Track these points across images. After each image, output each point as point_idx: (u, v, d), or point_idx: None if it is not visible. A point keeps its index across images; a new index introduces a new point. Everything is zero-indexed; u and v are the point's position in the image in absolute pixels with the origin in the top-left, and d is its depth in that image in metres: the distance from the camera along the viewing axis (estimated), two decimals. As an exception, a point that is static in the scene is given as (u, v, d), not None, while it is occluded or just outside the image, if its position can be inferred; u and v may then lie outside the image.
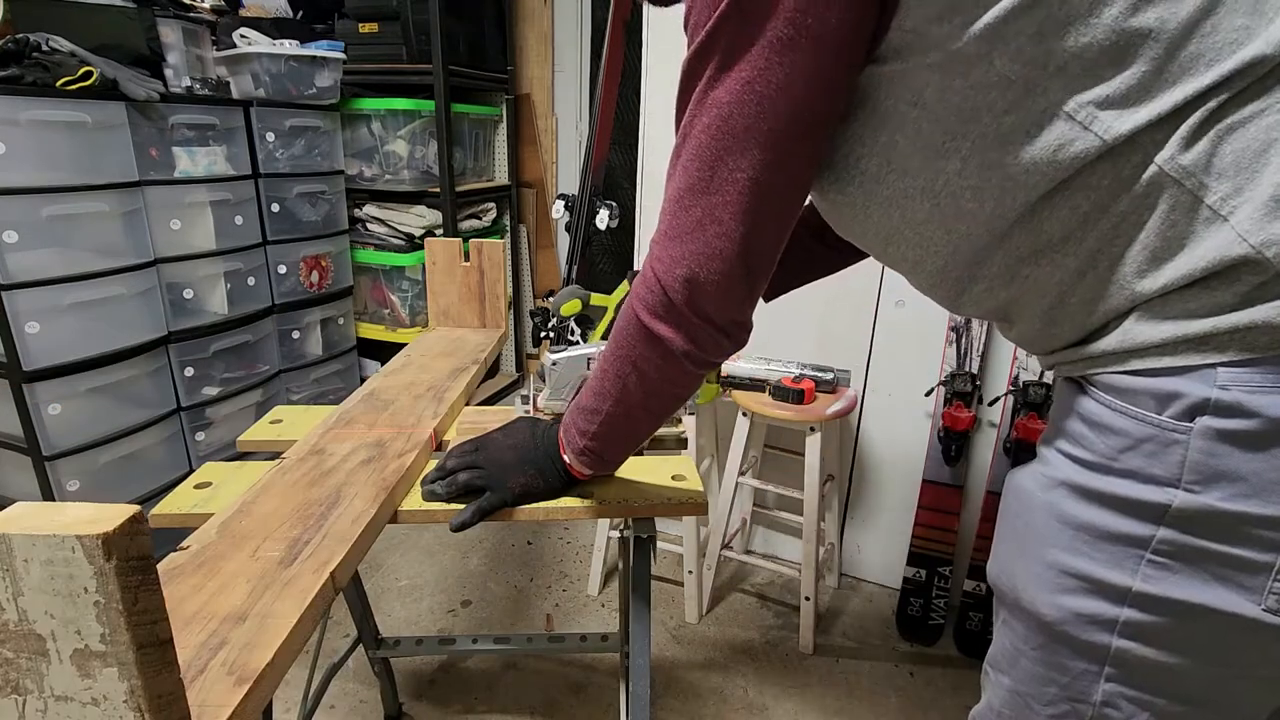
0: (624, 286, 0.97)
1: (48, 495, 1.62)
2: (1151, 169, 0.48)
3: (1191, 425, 0.47)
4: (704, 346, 0.62)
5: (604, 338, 0.98)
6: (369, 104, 2.39)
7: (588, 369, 0.94)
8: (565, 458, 0.79)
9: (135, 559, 0.35)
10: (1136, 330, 0.50)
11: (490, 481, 0.79)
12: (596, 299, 0.99)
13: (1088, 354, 0.53)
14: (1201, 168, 0.46)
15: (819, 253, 0.90)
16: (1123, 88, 0.47)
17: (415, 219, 2.51)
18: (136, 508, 0.35)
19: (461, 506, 0.80)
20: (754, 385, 1.70)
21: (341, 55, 2.18)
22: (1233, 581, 0.48)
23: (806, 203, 0.61)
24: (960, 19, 0.48)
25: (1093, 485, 0.52)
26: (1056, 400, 0.60)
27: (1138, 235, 0.49)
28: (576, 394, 0.94)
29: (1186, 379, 0.47)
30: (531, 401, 0.99)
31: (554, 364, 0.94)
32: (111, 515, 0.34)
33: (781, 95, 0.51)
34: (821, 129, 0.54)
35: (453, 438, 0.96)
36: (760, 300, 0.64)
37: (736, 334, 0.63)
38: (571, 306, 1.00)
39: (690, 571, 1.80)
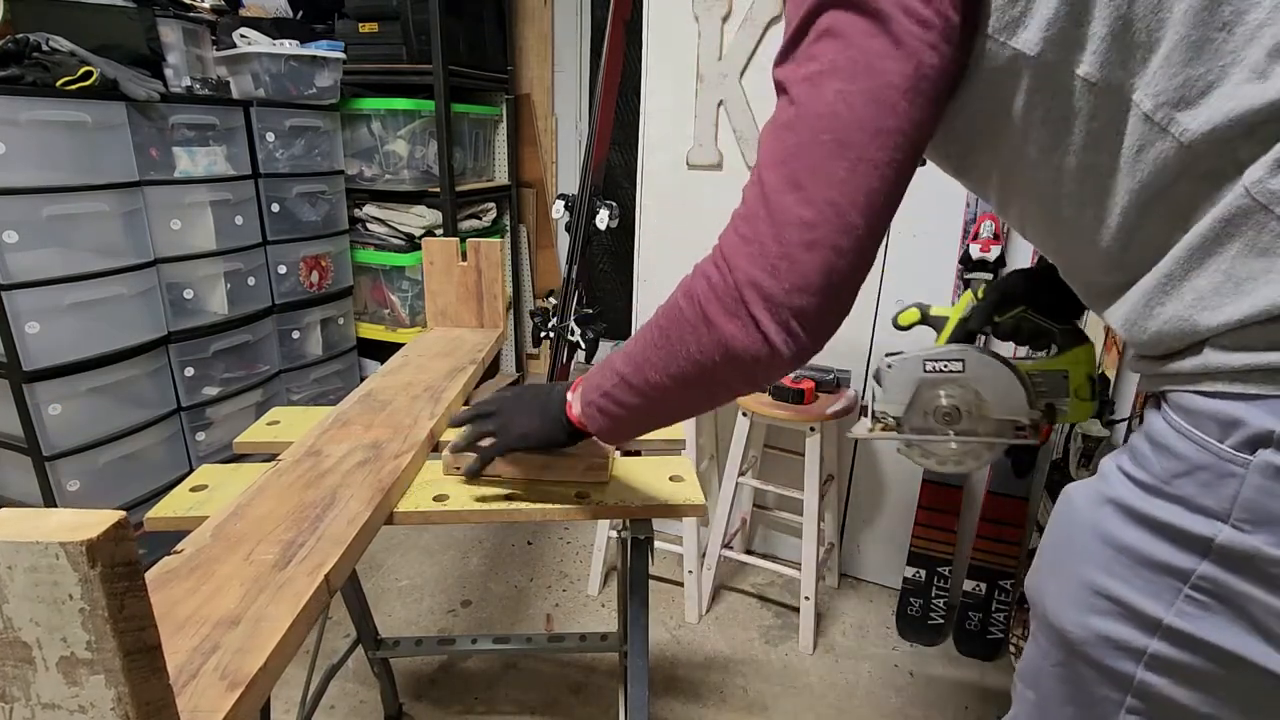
0: (968, 296, 0.94)
1: (48, 495, 1.62)
2: (1237, 189, 0.45)
3: (1251, 458, 0.44)
4: (756, 335, 0.54)
5: (949, 342, 0.93)
6: (369, 104, 2.39)
7: (924, 371, 0.88)
8: (568, 396, 0.75)
9: (120, 565, 0.35)
10: (1211, 356, 0.47)
11: (499, 426, 0.81)
12: (937, 309, 0.97)
13: (1165, 370, 0.51)
14: None
15: None
16: (1199, 83, 0.45)
17: (415, 219, 2.50)
18: (121, 513, 0.35)
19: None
20: (754, 385, 1.69)
21: (341, 55, 2.18)
22: (1274, 635, 0.45)
23: None
24: (1036, 21, 0.47)
25: (1142, 507, 0.50)
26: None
27: (1219, 263, 0.46)
28: (902, 400, 0.90)
29: (1253, 406, 0.44)
30: (870, 408, 0.93)
31: (889, 366, 0.90)
32: (95, 521, 0.34)
33: (897, 76, 0.49)
34: (933, 118, 0.52)
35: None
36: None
37: (800, 328, 0.54)
38: (909, 316, 0.98)
39: (690, 571, 1.79)
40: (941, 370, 0.87)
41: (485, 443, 0.82)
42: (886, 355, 0.90)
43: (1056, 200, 0.54)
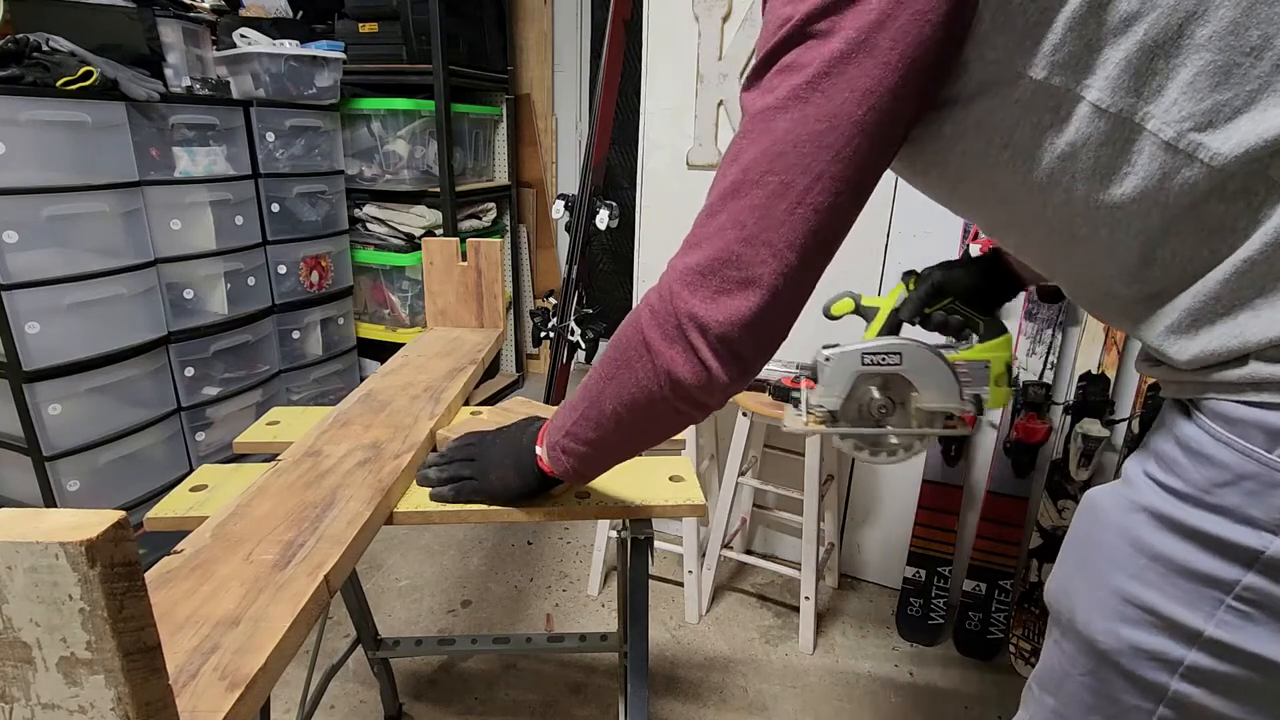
0: (899, 288, 0.94)
1: (48, 495, 1.62)
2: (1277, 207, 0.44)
3: None
4: (694, 367, 0.56)
5: (880, 335, 0.94)
6: (369, 104, 2.39)
7: (861, 364, 0.89)
8: (538, 449, 0.76)
9: (120, 565, 0.35)
10: (1258, 367, 0.46)
11: (477, 471, 0.80)
12: (868, 300, 0.97)
13: (1201, 379, 0.50)
14: None
15: None
16: (1226, 108, 0.44)
17: (415, 219, 2.51)
18: (121, 513, 0.35)
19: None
20: (754, 385, 1.69)
21: (341, 55, 2.18)
22: None
23: None
24: (1044, 45, 0.46)
25: (1179, 516, 0.49)
26: (1158, 421, 0.56)
27: (1267, 281, 0.46)
28: (838, 394, 0.90)
29: None
30: (804, 402, 0.94)
31: (826, 360, 0.90)
32: (95, 521, 0.34)
33: (845, 122, 0.49)
34: (882, 162, 0.53)
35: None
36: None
37: (734, 365, 0.56)
38: (843, 306, 0.98)
39: (690, 571, 1.79)
40: (880, 363, 0.88)
41: (465, 469, 0.82)
42: (823, 347, 0.90)
43: (1067, 224, 0.53)
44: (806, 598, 1.70)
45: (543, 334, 2.06)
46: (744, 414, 1.69)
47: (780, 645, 1.75)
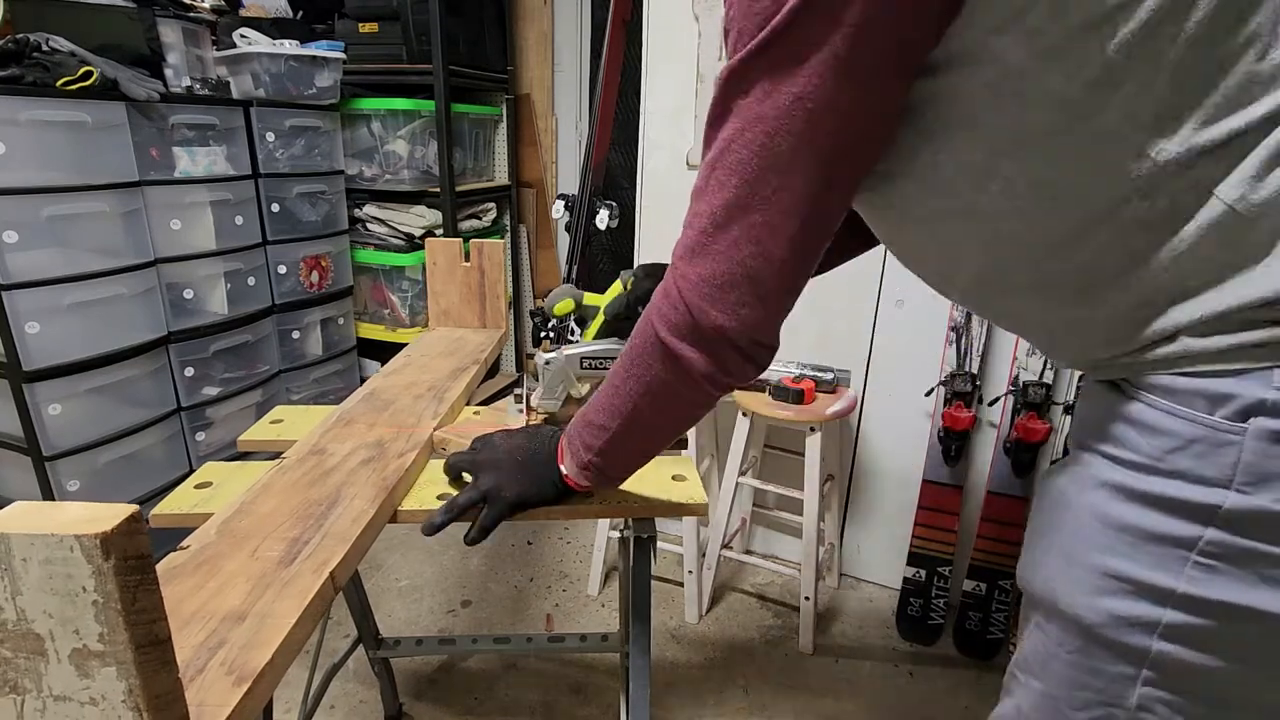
0: (617, 286, 0.97)
1: (48, 495, 1.62)
2: (1214, 202, 0.46)
3: (1245, 426, 0.46)
4: (728, 369, 0.60)
5: (597, 337, 0.97)
6: (369, 104, 2.39)
7: (581, 368, 0.94)
8: (563, 468, 0.77)
9: (133, 558, 0.35)
10: (1191, 343, 0.49)
11: (489, 492, 0.77)
12: (590, 298, 1.00)
13: (1134, 361, 0.52)
14: (1273, 203, 0.45)
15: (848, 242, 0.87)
16: (1185, 113, 0.46)
17: (415, 219, 2.50)
18: (134, 507, 0.35)
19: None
20: (754, 385, 1.70)
21: (341, 55, 2.18)
22: None
23: None
24: (1023, 32, 0.46)
25: (1137, 486, 0.51)
26: (1086, 400, 0.59)
27: (1197, 267, 0.48)
28: (558, 396, 0.96)
29: (1241, 380, 0.47)
30: (525, 401, 0.99)
31: (547, 363, 0.95)
32: (109, 515, 0.34)
33: (833, 114, 0.49)
34: (872, 149, 0.53)
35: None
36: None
37: (762, 357, 0.61)
38: (564, 306, 1.01)
39: (690, 571, 1.80)
40: (598, 366, 0.94)
41: (476, 494, 0.78)
42: (544, 350, 0.95)
43: (998, 217, 0.53)
44: (806, 598, 1.70)
45: (543, 334, 2.06)
46: (744, 414, 1.70)
47: (780, 645, 1.75)
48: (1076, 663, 0.56)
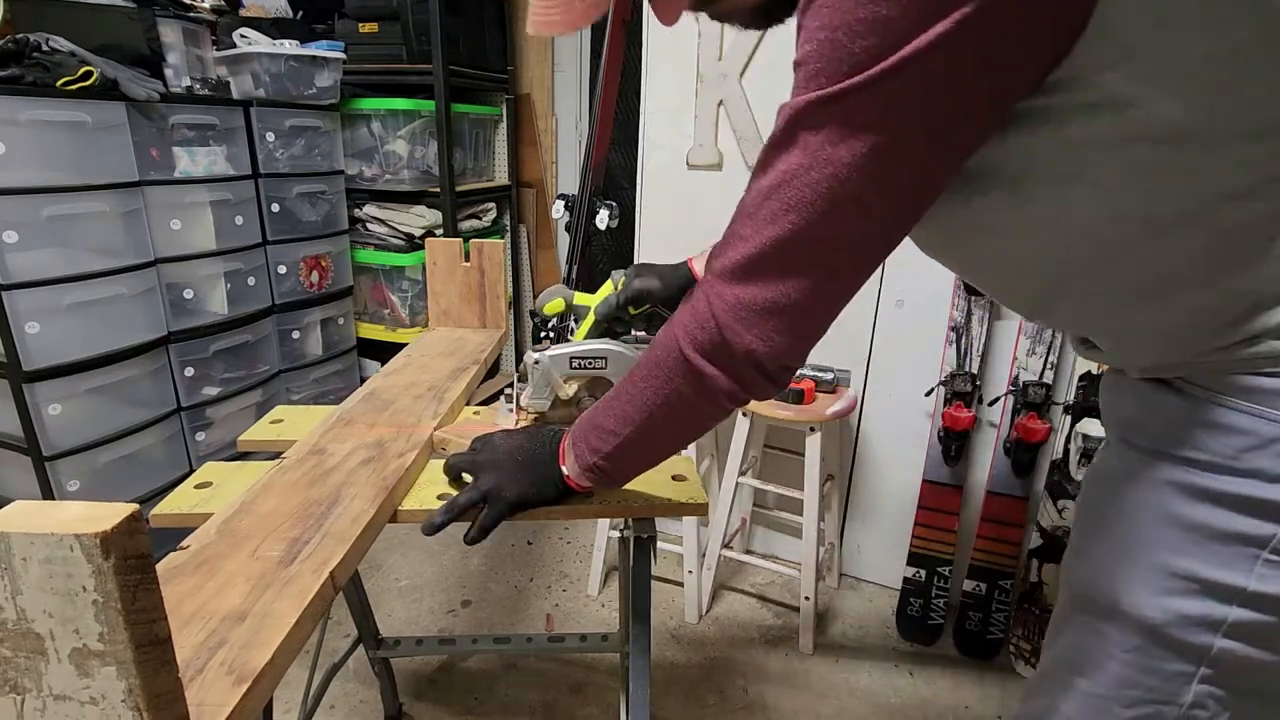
0: (608, 286, 0.97)
1: (48, 495, 1.62)
2: None
3: None
4: (750, 388, 0.60)
5: (587, 337, 0.97)
6: (369, 104, 2.39)
7: (570, 368, 0.94)
8: (564, 468, 0.77)
9: (133, 558, 0.35)
10: (1274, 344, 0.49)
11: (489, 492, 0.77)
12: (580, 298, 1.00)
13: (1211, 362, 0.52)
14: None
15: None
16: None
17: (415, 219, 2.50)
18: (134, 506, 0.35)
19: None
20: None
21: (341, 55, 2.18)
22: None
23: None
24: (1132, 67, 0.45)
25: (1210, 486, 0.51)
26: (1127, 397, 0.58)
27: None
28: (547, 396, 0.96)
29: None
30: (515, 401, 0.99)
31: (536, 363, 0.94)
32: (110, 514, 0.34)
33: (909, 168, 0.49)
34: (939, 188, 0.52)
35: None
36: None
37: (785, 378, 0.61)
38: (554, 306, 1.01)
39: (690, 571, 1.80)
40: (587, 367, 0.94)
41: (476, 494, 0.78)
42: (533, 350, 0.95)
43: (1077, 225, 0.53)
44: (806, 598, 1.70)
45: (543, 334, 2.06)
46: (744, 414, 1.70)
47: (780, 645, 1.75)
48: (1132, 661, 0.56)
